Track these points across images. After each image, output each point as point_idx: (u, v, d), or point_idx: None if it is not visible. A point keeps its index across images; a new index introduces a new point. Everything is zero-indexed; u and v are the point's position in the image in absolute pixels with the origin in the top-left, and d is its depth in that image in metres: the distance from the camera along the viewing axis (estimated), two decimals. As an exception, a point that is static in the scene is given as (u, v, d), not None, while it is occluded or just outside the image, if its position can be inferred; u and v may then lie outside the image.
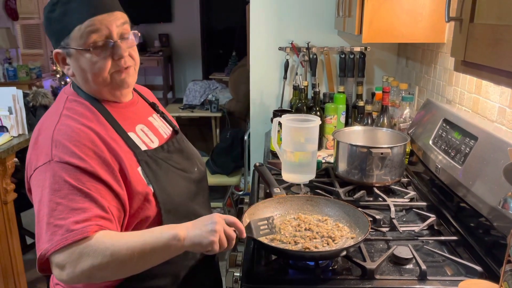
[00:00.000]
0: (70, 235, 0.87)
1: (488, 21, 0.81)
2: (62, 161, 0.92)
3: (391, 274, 1.09)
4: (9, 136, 2.26)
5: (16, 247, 2.30)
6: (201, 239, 0.91)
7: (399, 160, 1.51)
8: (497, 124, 1.30)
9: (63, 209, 0.89)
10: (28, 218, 2.98)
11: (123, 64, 1.02)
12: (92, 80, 1.02)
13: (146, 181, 1.02)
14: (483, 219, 1.15)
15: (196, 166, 1.19)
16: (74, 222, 0.88)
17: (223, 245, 0.93)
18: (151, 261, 0.93)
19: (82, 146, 0.95)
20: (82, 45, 0.98)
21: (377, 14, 1.63)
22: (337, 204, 1.28)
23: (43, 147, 0.96)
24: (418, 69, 2.02)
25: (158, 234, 0.91)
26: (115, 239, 0.89)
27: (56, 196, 0.90)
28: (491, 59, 0.77)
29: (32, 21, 6.33)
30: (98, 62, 0.99)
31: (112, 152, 0.99)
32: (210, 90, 4.52)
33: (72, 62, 1.01)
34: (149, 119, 1.16)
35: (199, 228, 0.92)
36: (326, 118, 2.04)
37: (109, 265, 0.88)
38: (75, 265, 0.87)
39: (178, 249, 0.92)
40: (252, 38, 2.38)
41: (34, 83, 5.45)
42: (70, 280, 0.89)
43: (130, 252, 0.88)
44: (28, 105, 2.48)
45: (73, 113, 1.01)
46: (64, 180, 0.91)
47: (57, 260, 0.88)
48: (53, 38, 1.02)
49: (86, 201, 0.91)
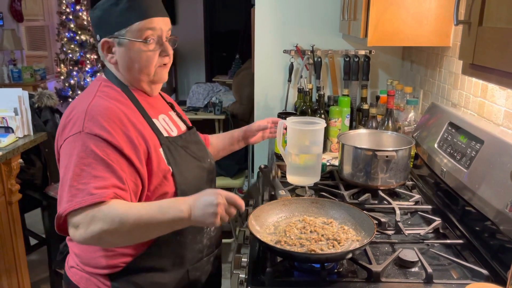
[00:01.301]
0: (89, 198, 0.96)
1: (497, 24, 0.81)
2: (92, 133, 1.02)
3: (397, 277, 1.09)
4: (14, 137, 2.26)
5: (20, 248, 2.30)
6: (204, 219, 0.99)
7: (404, 163, 1.51)
8: (503, 127, 1.30)
9: (86, 175, 0.99)
10: (31, 219, 2.98)
11: (166, 61, 1.18)
12: (138, 69, 1.14)
13: (166, 161, 1.13)
14: (489, 223, 1.14)
15: (208, 157, 1.30)
16: (94, 187, 0.97)
17: (224, 220, 1.01)
18: (155, 233, 1.04)
19: (112, 122, 1.04)
20: (139, 37, 1.11)
21: (383, 18, 1.63)
22: (343, 207, 1.28)
23: (76, 119, 1.05)
24: (423, 73, 2.02)
25: (165, 210, 1.00)
26: (126, 208, 0.98)
27: (81, 163, 0.99)
28: (501, 62, 0.77)
29: (37, 22, 6.36)
30: (149, 54, 1.13)
31: (138, 133, 1.09)
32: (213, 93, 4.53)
33: (121, 51, 1.13)
34: (169, 113, 1.29)
35: (201, 209, 0.99)
36: (330, 121, 2.04)
37: (117, 231, 0.97)
38: (87, 227, 0.96)
39: (182, 226, 1.03)
40: (257, 41, 2.39)
41: (38, 84, 5.48)
42: (82, 240, 0.98)
43: (137, 223, 0.97)
44: (34, 106, 2.49)
45: (106, 95, 1.12)
46: (91, 149, 1.00)
47: (73, 220, 0.97)
48: (104, 28, 1.13)
49: (107, 171, 1.00)
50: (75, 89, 5.62)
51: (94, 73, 5.68)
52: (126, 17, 1.10)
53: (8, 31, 5.42)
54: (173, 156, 1.15)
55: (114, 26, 1.11)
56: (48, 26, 6.52)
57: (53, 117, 2.59)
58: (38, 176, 2.57)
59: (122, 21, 1.11)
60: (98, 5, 1.14)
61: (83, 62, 5.64)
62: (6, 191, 2.18)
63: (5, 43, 5.40)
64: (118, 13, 1.10)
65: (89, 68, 5.68)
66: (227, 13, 7.33)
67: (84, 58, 5.64)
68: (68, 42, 5.59)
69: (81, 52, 5.62)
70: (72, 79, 5.62)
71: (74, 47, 5.59)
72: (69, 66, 5.63)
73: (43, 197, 2.61)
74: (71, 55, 5.60)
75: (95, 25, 1.16)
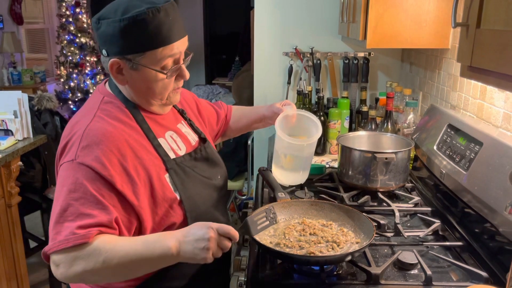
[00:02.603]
0: (72, 238, 0.90)
1: (495, 26, 0.81)
2: (84, 164, 0.95)
3: (396, 279, 1.09)
4: (14, 140, 2.27)
5: (19, 251, 2.30)
6: (194, 256, 0.92)
7: (403, 165, 1.51)
8: (502, 129, 1.30)
9: (73, 211, 0.93)
10: (31, 222, 2.98)
11: (181, 84, 1.10)
12: (151, 94, 1.06)
13: (172, 188, 1.05)
14: (488, 225, 1.14)
15: (219, 173, 1.22)
16: (79, 226, 0.91)
17: (217, 256, 0.94)
18: (142, 271, 0.97)
19: (108, 151, 0.97)
20: (157, 66, 1.01)
21: (382, 20, 1.63)
22: (342, 209, 1.28)
23: (72, 143, 0.99)
24: (422, 75, 2.02)
25: (151, 246, 0.93)
26: (111, 246, 0.92)
27: (70, 197, 0.93)
28: (498, 64, 0.78)
29: (37, 25, 6.37)
30: (165, 82, 1.04)
31: (139, 161, 1.01)
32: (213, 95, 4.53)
33: (134, 75, 1.02)
34: (178, 126, 1.19)
35: (191, 244, 0.92)
36: (330, 123, 2.04)
37: (100, 271, 0.92)
38: (69, 267, 0.91)
39: (170, 262, 0.96)
40: (256, 43, 2.39)
41: (38, 87, 5.49)
42: (63, 279, 0.94)
43: (122, 261, 0.92)
44: (33, 109, 2.50)
45: (107, 114, 1.03)
46: (81, 182, 0.94)
47: (54, 259, 0.93)
48: (115, 47, 0.99)
49: (95, 208, 0.93)
50: (75, 91, 5.62)
51: (94, 75, 5.69)
52: (144, 42, 0.97)
53: (8, 34, 5.43)
54: (180, 181, 1.07)
55: (128, 49, 0.98)
56: (48, 28, 6.53)
57: (52, 120, 2.59)
58: (37, 178, 2.57)
59: (138, 45, 0.97)
60: (108, 19, 0.97)
61: (83, 65, 5.65)
62: (6, 194, 2.18)
63: (5, 46, 5.41)
64: (134, 36, 0.96)
65: (89, 71, 5.69)
66: (227, 16, 7.35)
67: (84, 61, 5.65)
68: (68, 45, 5.60)
69: (81, 55, 5.63)
70: (72, 81, 5.63)
71: (74, 50, 5.60)
72: (69, 69, 5.63)
73: (43, 200, 2.61)
74: (71, 57, 5.60)
75: (101, 39, 1.01)
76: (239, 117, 1.50)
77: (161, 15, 0.97)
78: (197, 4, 7.21)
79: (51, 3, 6.48)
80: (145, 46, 0.98)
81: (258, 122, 1.47)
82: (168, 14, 0.98)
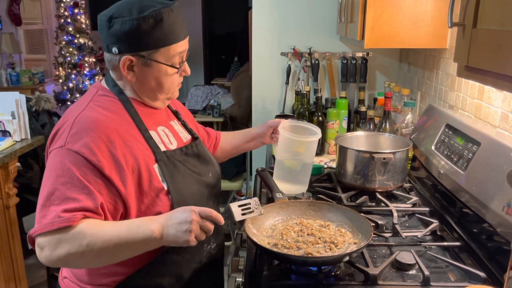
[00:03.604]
0: (57, 221, 0.92)
1: (491, 26, 0.81)
2: (73, 149, 0.97)
3: (394, 279, 1.08)
4: (11, 141, 2.26)
5: (18, 252, 2.30)
6: (176, 239, 0.94)
7: (401, 165, 1.51)
8: (500, 129, 1.30)
9: (59, 195, 0.95)
10: (29, 223, 2.97)
11: (181, 80, 1.17)
12: (160, 89, 1.11)
13: (160, 178, 1.06)
14: (486, 225, 1.14)
15: (211, 171, 1.23)
16: (64, 210, 0.93)
17: (200, 238, 0.96)
18: (126, 254, 0.98)
19: (97, 138, 0.99)
20: (169, 62, 1.07)
21: (379, 20, 1.63)
22: (340, 209, 1.27)
23: (62, 131, 1.02)
24: (420, 75, 2.02)
25: (134, 230, 0.95)
26: (95, 230, 0.93)
27: (57, 182, 0.95)
28: (495, 64, 0.77)
29: (36, 26, 6.36)
30: (174, 77, 1.11)
31: (128, 150, 1.03)
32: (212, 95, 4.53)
33: (146, 71, 1.07)
34: (171, 123, 1.22)
35: (174, 227, 0.94)
36: (328, 123, 2.04)
37: (84, 254, 0.93)
38: (53, 250, 0.93)
39: (154, 246, 0.98)
40: (254, 43, 2.39)
41: (37, 88, 5.49)
42: (47, 262, 0.95)
43: (106, 245, 0.93)
44: (31, 110, 2.50)
45: (98, 105, 1.07)
46: (68, 168, 0.96)
47: (39, 241, 0.94)
48: (129, 44, 1.03)
49: (81, 193, 0.95)
50: (74, 92, 5.62)
51: (92, 76, 5.69)
52: (159, 39, 1.03)
53: (7, 35, 5.42)
54: (169, 173, 1.08)
55: (143, 46, 1.03)
56: (46, 29, 6.53)
57: (50, 121, 2.59)
58: (35, 179, 2.57)
59: (153, 42, 1.03)
60: (122, 17, 1.02)
61: (82, 65, 5.64)
62: (4, 195, 2.18)
63: (4, 47, 5.40)
64: (149, 33, 1.02)
65: (88, 71, 5.68)
66: (226, 16, 7.35)
67: (82, 61, 5.64)
68: (66, 46, 5.59)
69: (80, 55, 5.62)
70: (71, 82, 5.62)
71: (73, 50, 5.59)
72: (68, 70, 5.63)
73: (41, 201, 2.60)
74: (70, 58, 5.60)
75: (113, 37, 1.03)
76: (231, 139, 1.53)
77: (174, 14, 1.05)
78: (196, 4, 7.21)
79: (50, 3, 6.48)
80: (160, 43, 1.04)
81: (249, 142, 1.51)
82: (178, 14, 1.07)
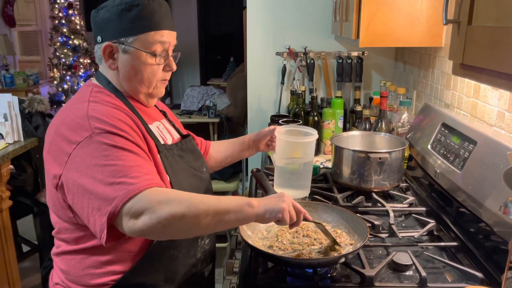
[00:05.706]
0: (143, 184, 0.88)
1: (486, 23, 0.80)
2: (105, 131, 0.95)
3: (391, 281, 1.07)
4: (4, 143, 2.24)
5: (11, 255, 2.27)
6: (273, 206, 0.96)
7: (397, 165, 1.50)
8: (496, 128, 1.29)
9: (122, 168, 0.91)
10: (24, 226, 2.95)
11: (168, 76, 1.15)
12: (139, 79, 1.09)
13: (163, 168, 1.07)
14: (483, 224, 1.13)
15: (204, 167, 1.27)
16: (143, 173, 0.92)
17: (293, 217, 0.99)
18: (223, 222, 0.94)
19: (118, 121, 0.99)
20: (147, 49, 1.06)
21: (374, 19, 1.62)
22: (336, 210, 1.26)
23: (76, 124, 0.97)
24: (416, 74, 2.01)
25: (231, 199, 0.96)
26: (190, 194, 0.93)
27: (108, 160, 0.91)
28: (490, 61, 0.76)
29: (30, 27, 6.33)
30: (154, 67, 1.09)
31: (141, 134, 1.05)
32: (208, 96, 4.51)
33: (125, 58, 1.07)
34: (162, 121, 1.24)
35: (269, 200, 0.99)
36: (323, 123, 2.03)
37: (185, 216, 0.88)
38: (153, 211, 0.86)
39: (251, 215, 0.95)
40: (249, 43, 2.37)
41: (31, 89, 5.45)
42: (145, 228, 0.86)
43: (206, 208, 0.90)
44: (24, 112, 2.47)
45: (100, 100, 1.06)
46: (111, 145, 0.94)
47: (133, 209, 0.86)
48: (110, 31, 1.06)
49: (139, 159, 0.95)
50: (69, 93, 5.58)
51: (87, 77, 5.65)
52: (138, 25, 1.04)
53: (0, 36, 5.39)
54: (170, 165, 1.09)
55: (122, 32, 1.05)
56: (40, 31, 6.49)
57: (44, 122, 2.56)
58: (29, 182, 2.54)
59: (132, 28, 1.04)
60: (106, 6, 1.06)
61: (76, 67, 5.61)
62: (-4, 198, 2.16)
63: (-3, 49, 5.37)
64: (129, 19, 1.04)
65: (83, 73, 5.66)
66: (222, 16, 7.33)
67: (77, 63, 5.62)
68: (61, 47, 5.56)
69: (74, 57, 5.59)
70: (66, 83, 5.59)
71: (67, 52, 5.56)
72: (62, 71, 5.60)
73: (34, 204, 2.58)
74: (64, 59, 5.57)
75: (98, 26, 1.08)
76: (225, 148, 1.51)
77: (155, 4, 1.06)
78: (192, 4, 7.19)
79: (44, 5, 6.44)
80: (139, 29, 1.05)
81: (244, 150, 1.50)
82: (161, 6, 1.08)
